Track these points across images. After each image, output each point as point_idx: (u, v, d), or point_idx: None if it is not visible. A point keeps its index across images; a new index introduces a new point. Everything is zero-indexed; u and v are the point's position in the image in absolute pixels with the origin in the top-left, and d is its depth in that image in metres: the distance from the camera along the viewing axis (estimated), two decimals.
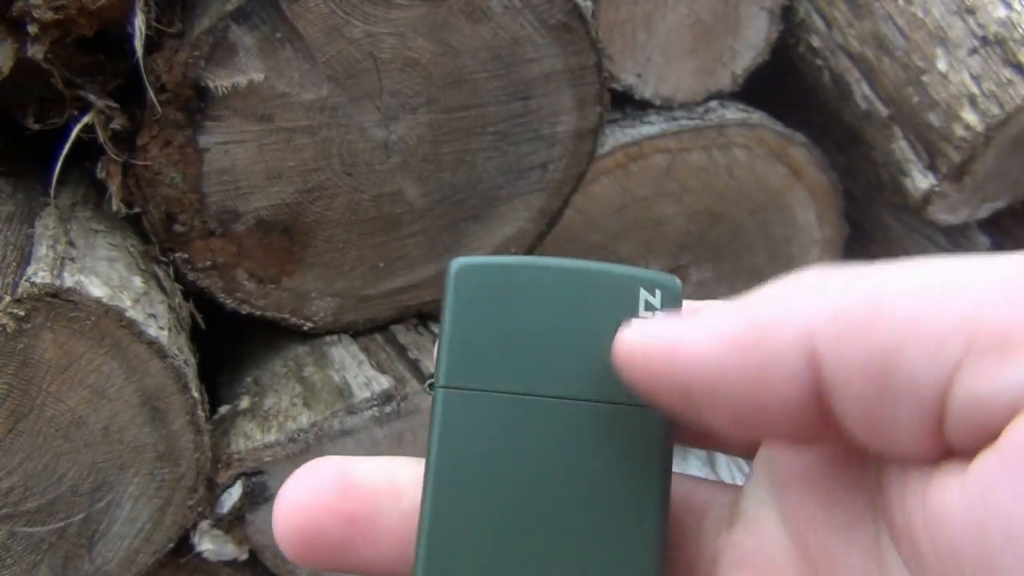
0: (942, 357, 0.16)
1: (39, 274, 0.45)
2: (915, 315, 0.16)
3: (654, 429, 0.22)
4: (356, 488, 0.23)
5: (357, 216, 0.57)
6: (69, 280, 0.45)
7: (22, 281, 0.44)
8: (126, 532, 0.51)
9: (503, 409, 0.22)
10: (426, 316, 0.65)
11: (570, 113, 0.58)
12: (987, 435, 0.16)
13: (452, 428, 0.22)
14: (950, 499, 0.16)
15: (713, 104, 0.79)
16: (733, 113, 0.78)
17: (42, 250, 0.47)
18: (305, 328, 0.60)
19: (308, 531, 0.23)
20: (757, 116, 0.78)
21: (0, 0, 0.45)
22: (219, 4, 0.49)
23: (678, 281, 0.22)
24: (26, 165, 0.55)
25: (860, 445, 0.18)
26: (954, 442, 0.17)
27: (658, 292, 0.22)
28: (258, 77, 0.50)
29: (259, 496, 0.55)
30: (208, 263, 0.55)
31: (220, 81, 0.49)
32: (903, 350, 0.16)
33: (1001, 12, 0.71)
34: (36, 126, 0.50)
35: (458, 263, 0.23)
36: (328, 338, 0.62)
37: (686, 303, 0.22)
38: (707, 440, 0.24)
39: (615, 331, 0.21)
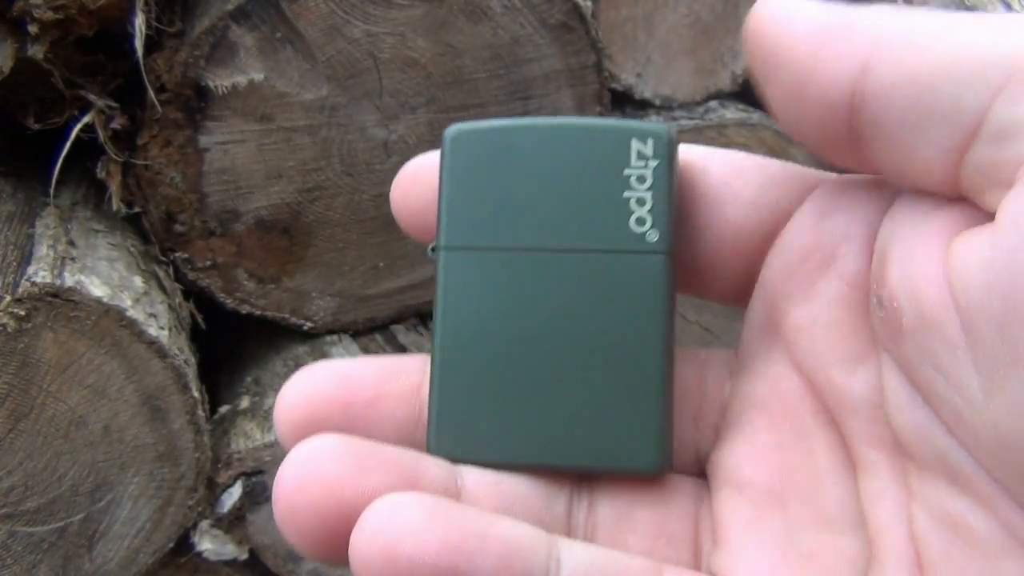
0: (985, 81, 0.17)
1: (40, 274, 0.45)
2: (964, 43, 0.18)
3: (655, 273, 0.22)
4: (351, 378, 0.23)
5: (357, 216, 0.57)
6: (69, 280, 0.45)
7: (23, 281, 0.44)
8: (126, 532, 0.51)
9: (504, 264, 0.22)
10: (426, 316, 0.65)
11: (570, 113, 0.58)
12: (1011, 167, 0.17)
13: (455, 287, 0.22)
14: (978, 250, 0.17)
15: (713, 104, 0.79)
16: (733, 113, 0.78)
17: (42, 250, 0.47)
18: (305, 328, 0.60)
19: (307, 426, 0.22)
20: (757, 116, 0.78)
21: (0, 0, 0.45)
22: (219, 4, 0.49)
23: (671, 128, 0.23)
24: (26, 165, 0.55)
25: (879, 166, 0.20)
26: (973, 179, 0.18)
27: (650, 141, 0.22)
28: (258, 77, 0.50)
29: (259, 496, 0.55)
30: (208, 263, 0.55)
31: (220, 81, 0.49)
32: (950, 70, 0.18)
33: (1001, 12, 0.71)
34: (36, 126, 0.50)
35: (453, 129, 0.23)
36: (328, 338, 0.62)
37: None
38: (701, 286, 0.24)
39: (608, 182, 0.22)
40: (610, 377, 0.22)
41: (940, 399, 0.18)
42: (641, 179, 0.22)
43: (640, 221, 0.22)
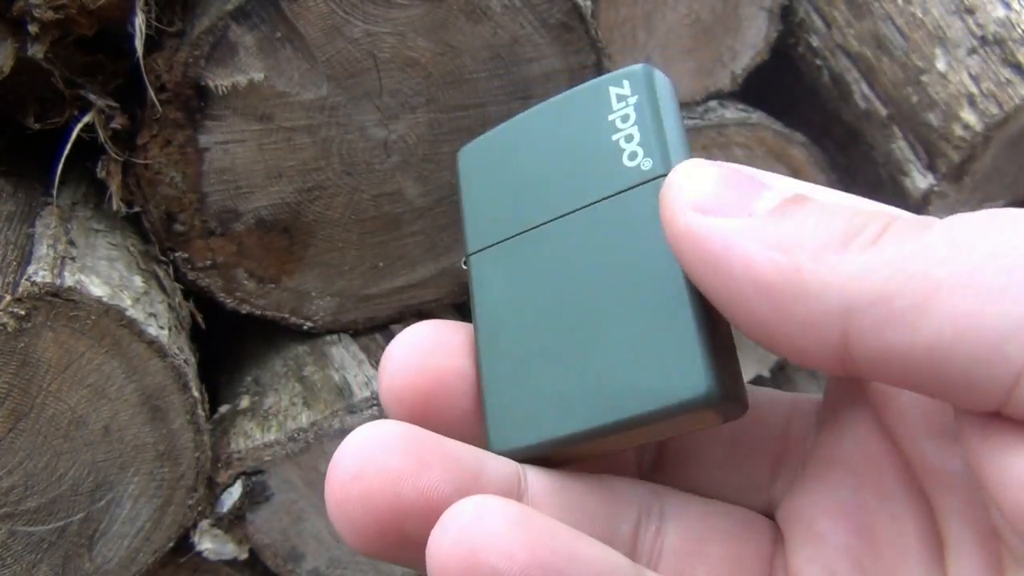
0: (1002, 362, 0.15)
1: (39, 273, 0.45)
2: (969, 312, 0.15)
3: (655, 198, 0.21)
4: None
5: (357, 216, 0.57)
6: (69, 279, 0.45)
7: (23, 280, 0.44)
8: (126, 531, 0.51)
9: (523, 246, 0.22)
10: (426, 316, 0.65)
11: None
12: None
13: (485, 283, 0.22)
14: None
15: (712, 104, 0.79)
16: (732, 113, 0.78)
17: (42, 249, 0.47)
18: (305, 328, 0.60)
19: (428, 399, 0.21)
20: (757, 116, 0.78)
21: (0, 0, 0.45)
22: (219, 3, 0.49)
23: (647, 67, 0.22)
24: (26, 165, 0.55)
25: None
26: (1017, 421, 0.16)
27: (625, 82, 0.22)
28: (258, 76, 0.50)
29: (259, 495, 0.55)
30: (208, 262, 0.55)
31: (220, 80, 0.49)
32: (956, 349, 0.15)
33: (1000, 12, 0.71)
34: (36, 126, 0.50)
35: (463, 152, 0.24)
36: (328, 337, 0.62)
37: (743, 168, 0.20)
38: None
39: (596, 134, 0.22)
40: (641, 316, 0.20)
41: None
42: (625, 118, 0.22)
43: (632, 156, 0.22)
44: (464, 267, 0.23)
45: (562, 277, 0.21)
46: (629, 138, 0.22)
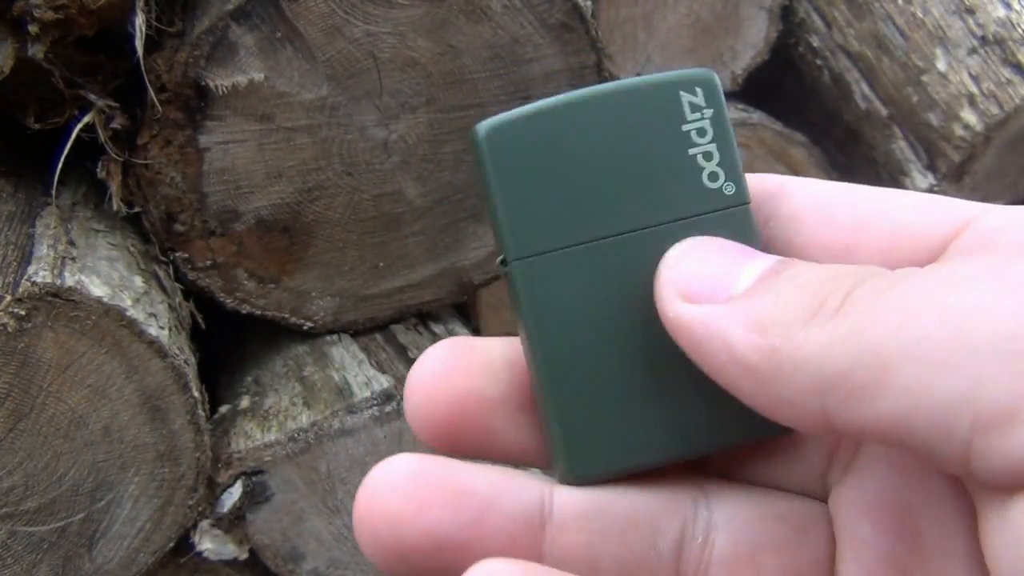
0: (952, 436, 0.15)
1: (40, 273, 0.45)
2: (917, 387, 0.15)
3: (743, 225, 0.21)
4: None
5: (357, 216, 0.57)
6: (70, 279, 0.45)
7: (23, 280, 0.44)
8: (126, 532, 0.51)
9: (586, 261, 0.21)
10: (426, 316, 0.65)
11: None
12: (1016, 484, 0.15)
13: (539, 298, 0.21)
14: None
15: None
16: (732, 113, 0.78)
17: (43, 249, 0.47)
18: (305, 328, 0.60)
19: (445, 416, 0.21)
20: (757, 116, 0.78)
21: (0, 0, 0.45)
22: (219, 3, 0.49)
23: (714, 75, 0.21)
24: (26, 165, 0.55)
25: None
26: (986, 487, 0.16)
27: (699, 90, 0.21)
28: (258, 77, 0.50)
29: (259, 495, 0.55)
30: (208, 263, 0.55)
31: (220, 80, 0.49)
32: (912, 422, 0.16)
33: (1000, 12, 0.71)
34: (36, 126, 0.50)
35: (483, 128, 0.21)
36: (328, 338, 0.62)
37: (728, 245, 0.20)
38: None
39: (670, 144, 0.20)
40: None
41: None
42: (702, 132, 0.21)
43: (713, 176, 0.21)
44: (502, 268, 0.21)
45: (636, 301, 0.20)
46: (708, 156, 0.21)
